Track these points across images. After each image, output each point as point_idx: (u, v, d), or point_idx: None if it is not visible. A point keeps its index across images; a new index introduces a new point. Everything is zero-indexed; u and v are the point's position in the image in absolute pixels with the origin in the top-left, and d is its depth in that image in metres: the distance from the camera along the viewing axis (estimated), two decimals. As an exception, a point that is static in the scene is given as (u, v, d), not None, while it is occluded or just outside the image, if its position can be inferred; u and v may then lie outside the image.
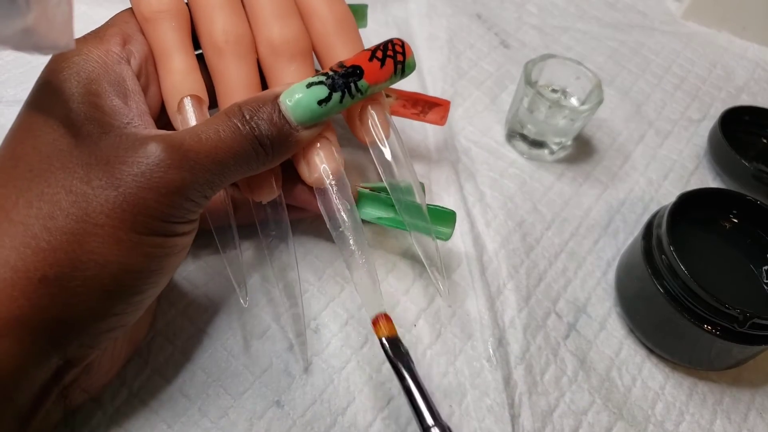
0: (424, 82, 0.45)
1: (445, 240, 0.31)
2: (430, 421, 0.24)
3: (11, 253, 0.20)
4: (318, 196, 0.27)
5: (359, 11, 0.36)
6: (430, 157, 0.40)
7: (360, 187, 0.31)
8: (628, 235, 0.38)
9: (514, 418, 0.29)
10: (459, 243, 0.35)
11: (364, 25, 0.36)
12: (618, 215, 0.39)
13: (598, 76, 0.39)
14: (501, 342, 0.31)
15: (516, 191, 0.39)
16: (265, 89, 0.27)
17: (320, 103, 0.25)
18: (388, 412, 0.28)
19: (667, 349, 0.32)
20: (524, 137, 0.40)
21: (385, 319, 0.25)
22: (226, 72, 0.26)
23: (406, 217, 0.28)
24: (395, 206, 0.29)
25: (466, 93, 0.45)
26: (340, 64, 0.26)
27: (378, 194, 0.30)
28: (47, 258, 0.20)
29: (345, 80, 0.25)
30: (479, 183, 0.39)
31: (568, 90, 0.41)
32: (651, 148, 0.44)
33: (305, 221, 0.34)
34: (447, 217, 0.31)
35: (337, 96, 0.25)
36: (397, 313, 0.32)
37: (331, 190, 0.26)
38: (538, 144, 0.40)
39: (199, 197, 0.23)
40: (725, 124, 0.42)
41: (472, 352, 0.31)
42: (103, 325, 0.22)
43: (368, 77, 0.26)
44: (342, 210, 0.26)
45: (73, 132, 0.21)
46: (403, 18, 0.50)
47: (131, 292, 0.22)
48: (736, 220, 0.34)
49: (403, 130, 0.41)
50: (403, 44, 0.27)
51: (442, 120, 0.36)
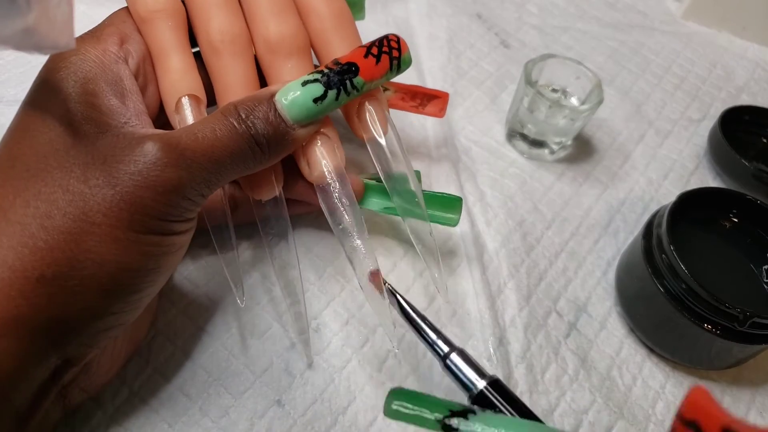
0: (424, 82, 0.45)
1: (453, 225, 0.32)
2: (446, 348, 0.26)
3: (9, 253, 0.20)
4: (319, 193, 0.27)
5: (357, 3, 0.35)
6: (430, 156, 0.40)
7: (364, 179, 0.31)
8: (628, 234, 0.38)
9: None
10: (459, 242, 0.35)
11: (362, 17, 0.35)
12: (618, 215, 0.39)
13: (598, 76, 0.39)
14: (502, 341, 0.31)
15: (516, 191, 0.39)
16: (264, 87, 0.27)
17: (316, 101, 0.25)
18: (388, 411, 0.28)
19: (667, 348, 0.32)
20: (524, 137, 0.40)
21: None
22: (223, 71, 0.26)
23: (401, 204, 0.28)
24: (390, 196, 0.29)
25: (466, 93, 0.45)
26: (336, 61, 0.26)
27: (383, 185, 0.30)
28: (45, 257, 0.20)
29: (340, 77, 0.25)
30: (479, 182, 0.39)
31: (568, 90, 0.41)
32: (651, 148, 0.44)
33: (306, 219, 0.34)
34: (453, 203, 0.31)
35: (332, 94, 0.25)
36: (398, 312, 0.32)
37: (332, 187, 0.26)
38: (538, 144, 0.40)
39: (196, 196, 0.23)
40: (725, 124, 0.42)
41: (472, 351, 0.31)
42: (102, 324, 0.22)
43: (364, 74, 0.26)
44: (343, 206, 0.26)
45: (70, 131, 0.22)
46: (403, 18, 0.50)
47: (129, 291, 0.22)
48: (736, 219, 0.34)
49: (403, 128, 0.41)
50: (398, 40, 0.27)
51: (440, 112, 0.36)
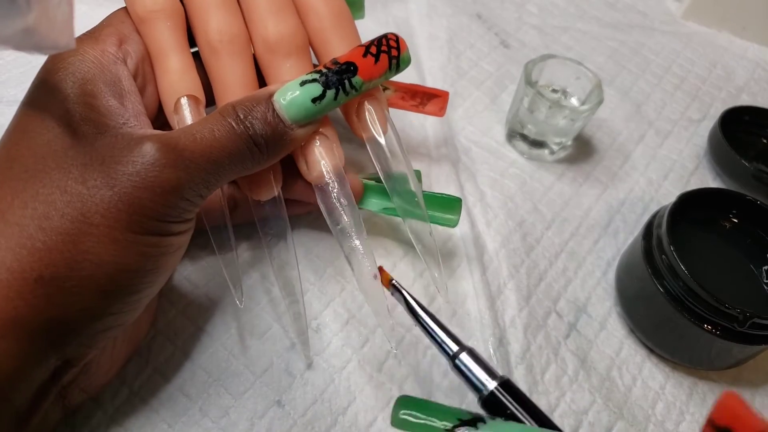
0: (424, 82, 0.45)
1: (452, 227, 0.32)
2: (454, 347, 0.25)
3: (7, 254, 0.20)
4: (317, 193, 0.27)
5: (356, 2, 0.35)
6: (430, 156, 0.40)
7: (363, 179, 0.31)
8: (628, 235, 0.38)
9: (514, 418, 0.29)
10: (459, 243, 0.35)
11: (361, 16, 0.35)
12: (618, 215, 0.39)
13: (598, 76, 0.39)
14: (501, 341, 0.31)
15: (516, 191, 0.39)
16: (263, 87, 0.27)
17: (314, 101, 0.24)
18: (389, 411, 0.28)
19: (667, 348, 0.32)
20: (524, 137, 0.40)
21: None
22: (222, 71, 0.26)
23: (401, 204, 0.28)
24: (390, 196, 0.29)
25: (466, 93, 0.45)
26: (334, 60, 0.26)
27: (383, 185, 0.30)
28: (43, 258, 0.20)
29: (339, 77, 0.25)
30: (479, 183, 0.39)
31: (568, 90, 0.41)
32: (651, 148, 0.44)
33: (305, 220, 0.34)
34: (452, 203, 0.31)
35: (331, 93, 0.25)
36: (397, 312, 0.31)
37: (331, 187, 0.26)
38: (538, 144, 0.40)
39: (195, 196, 0.23)
40: (725, 124, 0.42)
41: (472, 352, 0.31)
42: (101, 324, 0.22)
43: (362, 73, 0.25)
44: (341, 207, 0.26)
45: (68, 132, 0.21)
46: (403, 18, 0.50)
47: (128, 292, 0.22)
48: (736, 220, 0.34)
49: (403, 128, 0.41)
50: (397, 39, 0.27)
51: (441, 111, 0.36)
